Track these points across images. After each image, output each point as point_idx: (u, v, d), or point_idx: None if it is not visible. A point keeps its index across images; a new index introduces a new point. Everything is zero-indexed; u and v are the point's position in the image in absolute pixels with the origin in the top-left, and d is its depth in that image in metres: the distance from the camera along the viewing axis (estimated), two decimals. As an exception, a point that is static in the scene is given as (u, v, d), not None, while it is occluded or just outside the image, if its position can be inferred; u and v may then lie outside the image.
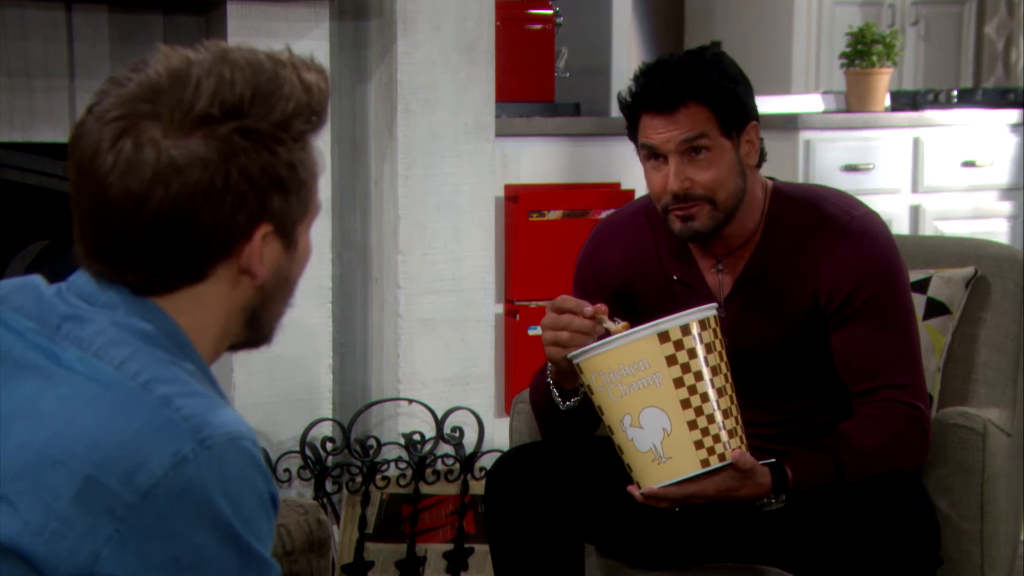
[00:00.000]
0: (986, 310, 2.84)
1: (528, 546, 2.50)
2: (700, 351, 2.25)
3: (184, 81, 1.37)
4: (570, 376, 2.41)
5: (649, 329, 2.25)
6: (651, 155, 2.46)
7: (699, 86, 2.42)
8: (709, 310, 2.29)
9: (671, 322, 2.25)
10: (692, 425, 2.24)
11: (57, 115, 3.26)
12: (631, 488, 2.30)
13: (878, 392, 2.46)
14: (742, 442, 2.29)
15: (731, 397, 2.29)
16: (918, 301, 2.75)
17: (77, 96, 3.27)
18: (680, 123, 2.42)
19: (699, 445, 2.25)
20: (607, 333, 2.33)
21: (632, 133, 2.50)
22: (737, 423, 2.29)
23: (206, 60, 1.39)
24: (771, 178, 2.59)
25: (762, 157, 2.53)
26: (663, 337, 2.24)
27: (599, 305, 2.36)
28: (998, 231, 4.82)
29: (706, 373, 2.25)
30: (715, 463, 2.26)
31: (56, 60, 3.26)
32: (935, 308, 2.81)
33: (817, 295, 2.49)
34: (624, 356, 2.25)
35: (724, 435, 2.26)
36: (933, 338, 2.79)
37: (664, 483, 2.26)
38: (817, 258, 2.48)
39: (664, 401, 2.24)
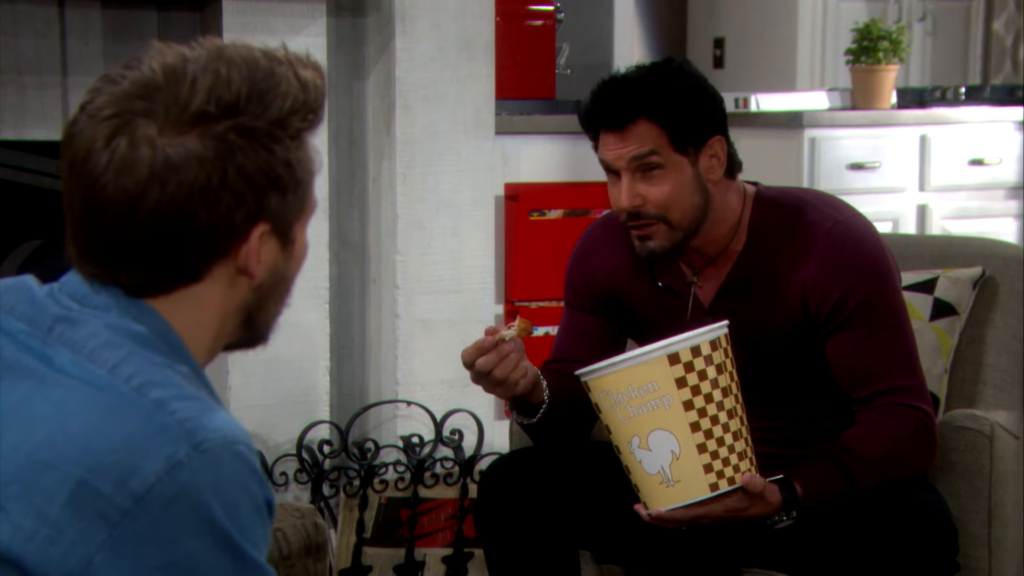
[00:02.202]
0: (994, 311, 2.83)
1: (522, 552, 2.49)
2: (711, 373, 2.23)
3: (179, 78, 1.36)
4: (527, 396, 2.44)
5: (659, 351, 2.23)
6: (608, 171, 2.46)
7: (648, 103, 2.39)
8: (720, 329, 2.27)
9: (681, 343, 2.22)
10: (701, 448, 2.23)
11: (50, 113, 3.27)
12: (638, 507, 2.30)
13: (880, 397, 2.44)
14: (752, 464, 2.28)
15: (741, 418, 2.28)
16: (925, 301, 2.74)
17: (70, 93, 3.27)
18: (629, 140, 2.40)
19: (708, 469, 2.24)
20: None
21: (595, 148, 2.49)
22: (747, 444, 2.28)
23: (201, 57, 1.38)
24: (755, 183, 2.56)
25: (734, 167, 2.50)
26: (673, 359, 2.22)
27: (489, 328, 2.40)
28: (1006, 230, 4.79)
29: (716, 395, 2.24)
30: (724, 487, 2.25)
31: (48, 56, 3.26)
32: (942, 309, 2.80)
33: (805, 303, 2.46)
34: (633, 377, 2.23)
35: (734, 458, 2.25)
36: (940, 339, 2.78)
37: (672, 506, 2.25)
38: (802, 265, 2.46)
39: (673, 424, 2.23)
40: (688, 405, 2.22)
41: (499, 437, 3.51)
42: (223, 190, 1.36)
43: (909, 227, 4.70)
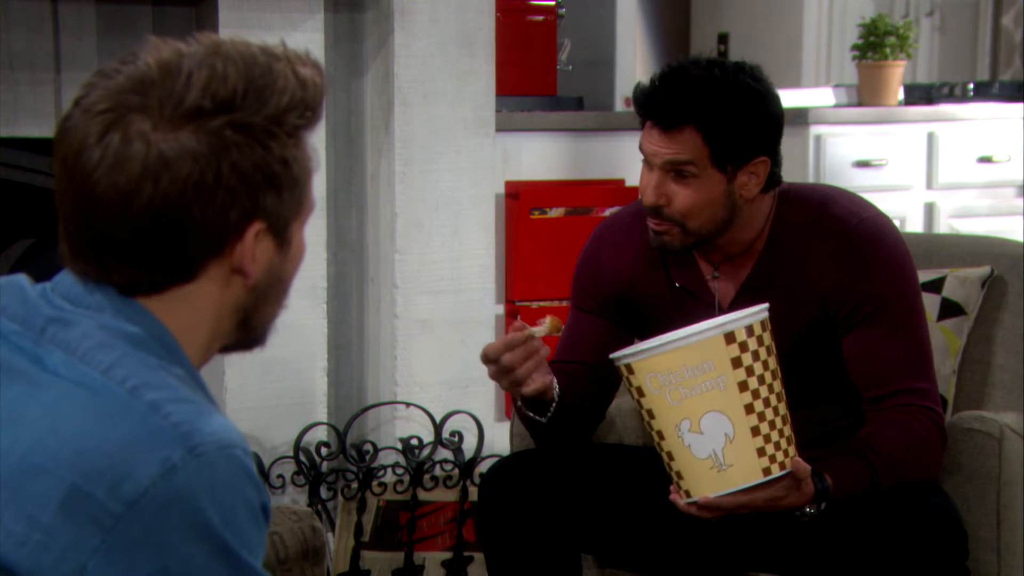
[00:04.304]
0: (1003, 311, 2.81)
1: (523, 556, 2.48)
2: (762, 354, 2.22)
3: (175, 73, 1.34)
4: (540, 395, 2.42)
5: (715, 330, 2.21)
6: (644, 159, 2.44)
7: (702, 114, 2.36)
8: (765, 311, 2.26)
9: (736, 322, 2.21)
10: (755, 431, 2.21)
11: (42, 109, 3.26)
12: (674, 496, 2.28)
13: (893, 397, 2.44)
14: (796, 449, 2.27)
15: (786, 402, 2.27)
16: (932, 301, 2.73)
17: (63, 90, 3.27)
18: (672, 144, 2.38)
19: (761, 452, 2.22)
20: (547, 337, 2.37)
21: (641, 128, 2.47)
22: (792, 429, 2.27)
23: (198, 52, 1.37)
24: None
25: (773, 182, 2.46)
26: (729, 338, 2.20)
27: (517, 325, 2.39)
28: (1015, 229, 4.75)
29: (767, 377, 2.22)
30: (776, 471, 2.23)
31: (41, 53, 3.26)
32: (950, 309, 2.79)
33: (826, 300, 2.46)
34: (688, 357, 2.20)
35: (784, 442, 2.24)
36: (948, 340, 2.77)
37: (723, 492, 2.23)
38: (824, 262, 2.46)
39: (728, 406, 2.21)
40: (743, 386, 2.20)
41: (499, 439, 3.48)
42: (217, 187, 1.34)
43: (916, 226, 4.69)
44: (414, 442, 3.51)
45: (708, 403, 2.20)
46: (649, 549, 2.55)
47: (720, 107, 2.36)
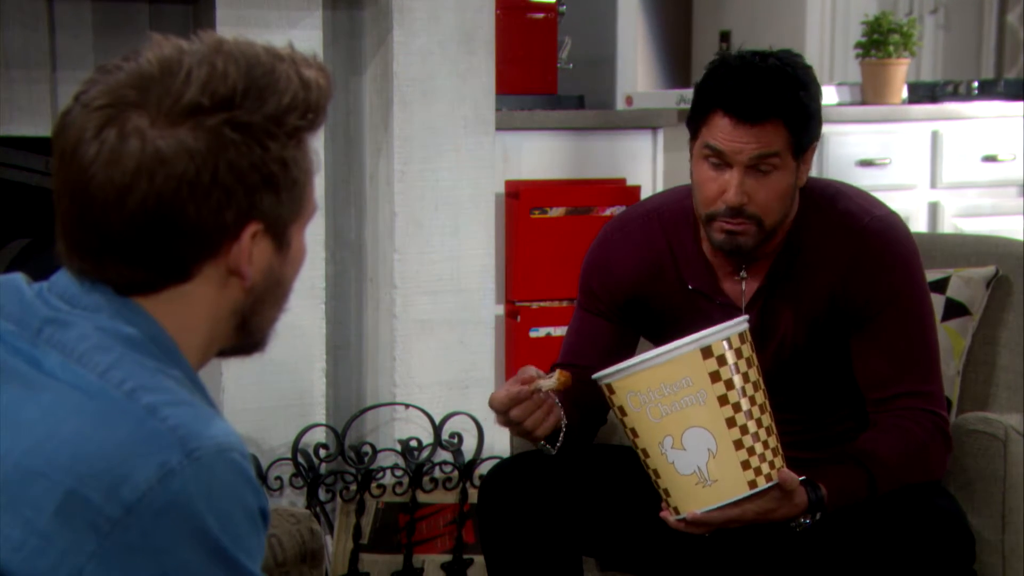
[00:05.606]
0: (1007, 311, 2.80)
1: (524, 559, 2.47)
2: (742, 366, 2.21)
3: (175, 70, 1.35)
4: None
5: (691, 345, 2.19)
6: (713, 156, 2.38)
7: (789, 105, 2.35)
8: (744, 323, 2.24)
9: (713, 336, 2.19)
10: (738, 445, 2.20)
11: (38, 108, 3.25)
12: (664, 514, 2.27)
13: (897, 400, 2.43)
14: (783, 459, 2.26)
15: (770, 413, 2.25)
16: (936, 302, 2.74)
17: (59, 88, 3.25)
18: (759, 137, 2.34)
19: (746, 466, 2.21)
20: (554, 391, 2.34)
21: (693, 123, 2.41)
22: (778, 440, 2.25)
23: (200, 50, 1.37)
24: None
25: None
26: (706, 352, 2.19)
27: (525, 377, 2.35)
28: (1020, 229, 4.74)
29: (748, 389, 2.21)
30: (762, 484, 2.22)
31: (37, 51, 3.24)
32: (954, 309, 2.78)
33: (835, 297, 2.45)
34: (665, 374, 2.19)
35: (768, 454, 2.22)
36: (952, 340, 2.77)
37: (709, 507, 2.22)
38: (834, 259, 2.45)
39: (709, 421, 2.19)
40: (723, 400, 2.19)
41: (499, 441, 3.47)
42: (213, 185, 1.34)
43: (920, 225, 4.69)
44: (413, 444, 3.50)
45: (689, 419, 2.19)
46: (651, 552, 2.54)
47: (803, 97, 2.36)
